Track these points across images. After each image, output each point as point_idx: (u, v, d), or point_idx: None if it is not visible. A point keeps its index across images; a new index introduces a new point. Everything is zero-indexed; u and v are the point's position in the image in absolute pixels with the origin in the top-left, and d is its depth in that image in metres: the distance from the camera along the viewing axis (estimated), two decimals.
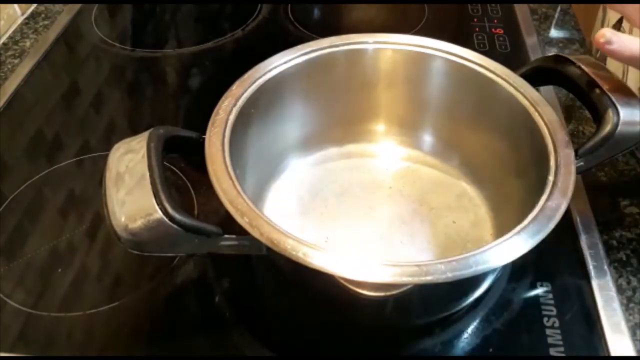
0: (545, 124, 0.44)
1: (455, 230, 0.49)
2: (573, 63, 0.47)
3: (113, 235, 0.37)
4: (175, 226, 0.36)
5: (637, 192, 0.54)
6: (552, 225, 0.37)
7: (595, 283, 0.46)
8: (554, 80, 0.50)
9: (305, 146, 0.54)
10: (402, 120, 0.55)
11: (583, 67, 0.46)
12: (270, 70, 0.48)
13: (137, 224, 0.36)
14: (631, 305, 0.45)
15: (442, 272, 0.34)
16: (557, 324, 0.43)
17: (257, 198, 0.49)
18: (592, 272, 0.47)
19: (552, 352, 0.42)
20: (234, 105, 0.45)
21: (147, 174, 0.37)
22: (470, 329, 0.44)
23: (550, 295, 0.45)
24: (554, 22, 0.77)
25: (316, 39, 0.52)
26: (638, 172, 0.56)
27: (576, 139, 0.59)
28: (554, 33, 0.75)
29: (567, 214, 0.50)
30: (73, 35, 0.74)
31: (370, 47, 0.52)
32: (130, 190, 0.37)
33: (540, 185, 0.40)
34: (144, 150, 0.39)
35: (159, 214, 0.36)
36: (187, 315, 0.45)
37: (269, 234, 0.36)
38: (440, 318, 0.44)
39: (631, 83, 0.60)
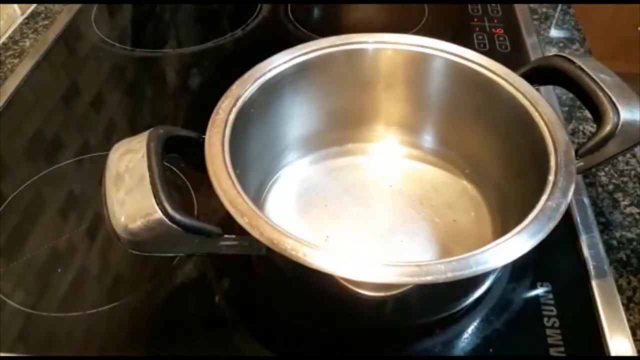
0: (545, 124, 0.44)
1: (455, 229, 0.49)
2: (573, 63, 0.47)
3: (113, 235, 0.37)
4: (175, 226, 0.36)
5: (637, 192, 0.54)
6: (552, 225, 0.37)
7: (595, 283, 0.46)
8: (554, 80, 0.50)
9: (305, 146, 0.54)
10: (402, 119, 0.55)
11: (583, 67, 0.46)
12: (270, 70, 0.48)
13: (137, 224, 0.36)
14: (631, 305, 0.45)
15: (442, 272, 0.34)
16: (557, 324, 0.43)
17: (257, 198, 0.49)
18: (592, 272, 0.47)
19: (552, 352, 0.42)
20: (234, 105, 0.45)
21: (147, 174, 0.37)
22: (470, 329, 0.44)
23: (550, 295, 0.45)
24: (554, 22, 0.77)
25: (316, 39, 0.52)
26: (638, 172, 0.56)
27: (576, 139, 0.59)
28: (554, 33, 0.75)
29: (568, 214, 0.50)
30: (73, 35, 0.74)
31: (370, 47, 0.52)
32: (130, 190, 0.37)
33: (541, 185, 0.40)
34: (143, 150, 0.39)
35: (159, 214, 0.36)
36: (187, 315, 0.45)
37: (269, 234, 0.36)
38: (440, 318, 0.44)
39: None
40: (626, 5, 1.40)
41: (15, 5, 0.76)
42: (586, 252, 0.48)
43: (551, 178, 0.40)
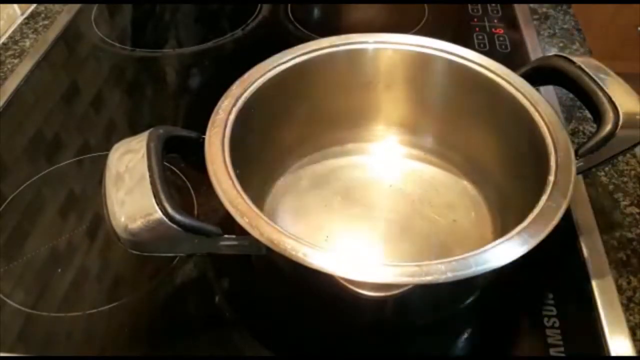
0: (545, 124, 0.44)
1: (455, 229, 0.49)
2: (573, 63, 0.47)
3: (113, 236, 0.37)
4: (175, 226, 0.36)
5: (637, 192, 0.54)
6: (552, 225, 0.37)
7: (595, 283, 0.46)
8: (554, 80, 0.50)
9: (305, 146, 0.54)
10: (402, 119, 0.55)
11: (583, 67, 0.46)
12: (270, 70, 0.48)
13: (137, 224, 0.36)
14: (631, 305, 0.45)
15: (442, 272, 0.34)
16: (557, 324, 0.43)
17: (257, 198, 0.49)
18: (592, 272, 0.47)
19: (552, 352, 0.42)
20: (234, 105, 0.45)
21: (147, 174, 0.37)
22: (470, 329, 0.44)
23: (550, 296, 0.45)
24: (554, 22, 0.77)
25: (316, 39, 0.52)
26: (638, 172, 0.56)
27: (576, 139, 0.59)
28: (554, 33, 0.75)
29: (568, 214, 0.50)
30: (73, 35, 0.74)
31: (370, 47, 0.52)
32: (130, 190, 0.37)
33: (541, 185, 0.40)
34: (143, 150, 0.39)
35: (159, 214, 0.36)
36: (187, 315, 0.45)
37: (269, 234, 0.36)
38: (440, 318, 0.44)
39: None
40: (626, 5, 1.40)
41: (15, 5, 0.76)
42: (586, 252, 0.48)
43: (551, 178, 0.40)
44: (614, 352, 0.42)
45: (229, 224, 0.39)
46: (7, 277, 0.47)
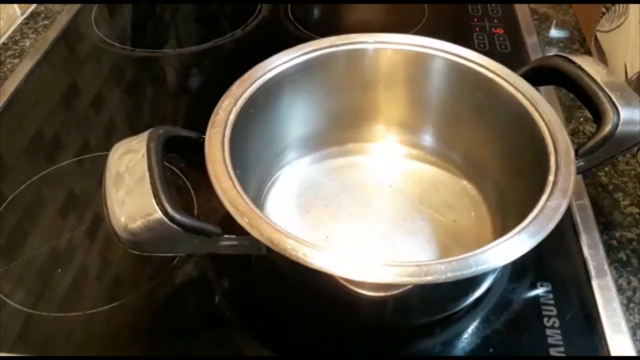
0: (545, 124, 0.44)
1: (455, 229, 0.49)
2: (573, 63, 0.47)
3: (113, 235, 0.37)
4: (175, 226, 0.36)
5: (637, 192, 0.54)
6: (552, 225, 0.37)
7: (595, 283, 0.46)
8: (554, 80, 0.50)
9: (305, 146, 0.54)
10: (402, 119, 0.55)
11: (583, 67, 0.46)
12: (270, 70, 0.48)
13: (137, 224, 0.36)
14: (631, 305, 0.45)
15: (442, 272, 0.34)
16: (557, 324, 0.43)
17: (257, 198, 0.49)
18: (592, 272, 0.47)
19: (552, 352, 0.42)
20: (234, 105, 0.45)
21: (147, 174, 0.37)
22: (470, 329, 0.44)
23: (550, 295, 0.45)
24: (554, 22, 0.77)
25: (316, 39, 0.52)
26: (638, 172, 0.56)
27: (576, 139, 0.59)
28: (554, 33, 0.75)
29: (568, 214, 0.50)
30: (73, 35, 0.74)
31: (370, 47, 0.52)
32: (130, 190, 0.37)
33: (541, 185, 0.40)
34: (143, 150, 0.39)
35: (159, 214, 0.36)
36: (187, 315, 0.45)
37: (269, 234, 0.36)
38: (440, 318, 0.44)
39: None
40: None
41: (15, 5, 0.76)
42: (586, 252, 0.48)
43: (551, 178, 0.40)
44: (614, 352, 0.42)
45: (229, 224, 0.39)
46: (7, 277, 0.47)
